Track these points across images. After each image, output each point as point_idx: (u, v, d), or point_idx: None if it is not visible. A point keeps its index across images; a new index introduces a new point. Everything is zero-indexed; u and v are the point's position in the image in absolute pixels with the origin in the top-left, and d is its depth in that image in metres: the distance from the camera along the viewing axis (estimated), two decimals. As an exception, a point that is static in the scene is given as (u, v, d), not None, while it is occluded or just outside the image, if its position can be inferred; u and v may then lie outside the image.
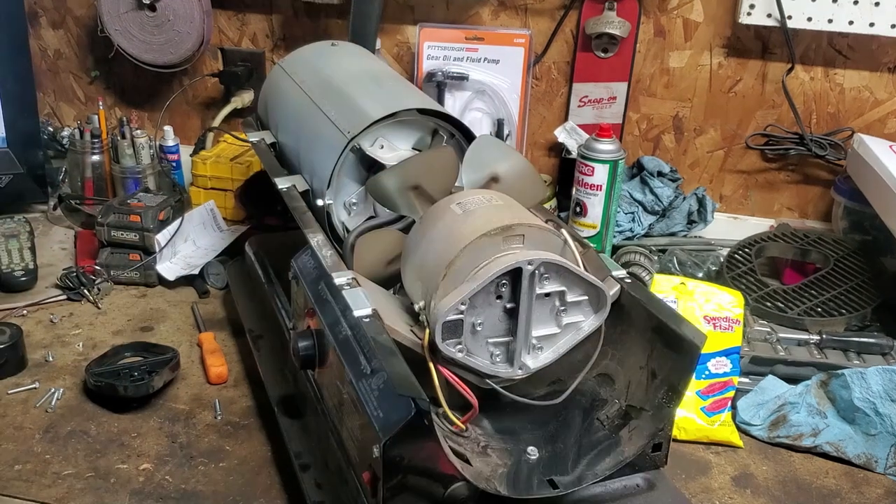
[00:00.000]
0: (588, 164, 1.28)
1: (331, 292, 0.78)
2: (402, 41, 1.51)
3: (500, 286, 0.71)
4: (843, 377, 0.99)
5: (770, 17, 1.32)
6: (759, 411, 1.02)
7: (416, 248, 0.77)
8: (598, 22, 1.39)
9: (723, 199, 1.50)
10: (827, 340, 1.10)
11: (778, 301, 1.19)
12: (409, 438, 0.64)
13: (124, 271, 1.30)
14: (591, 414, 0.80)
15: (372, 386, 0.68)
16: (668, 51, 1.43)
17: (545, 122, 1.51)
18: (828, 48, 1.36)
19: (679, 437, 0.99)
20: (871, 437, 0.97)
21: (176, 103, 1.63)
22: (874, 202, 1.22)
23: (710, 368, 1.02)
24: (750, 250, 1.31)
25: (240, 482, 0.91)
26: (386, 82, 1.03)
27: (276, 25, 1.56)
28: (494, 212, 0.75)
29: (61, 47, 1.67)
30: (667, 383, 0.76)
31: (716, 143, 1.47)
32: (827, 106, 1.40)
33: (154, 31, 1.50)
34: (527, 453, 0.78)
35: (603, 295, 0.75)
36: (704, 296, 1.06)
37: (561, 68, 1.47)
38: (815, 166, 1.44)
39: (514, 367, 0.75)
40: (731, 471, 0.97)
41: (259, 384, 1.04)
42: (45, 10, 1.65)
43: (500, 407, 0.79)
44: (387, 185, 0.83)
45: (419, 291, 0.75)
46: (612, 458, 0.76)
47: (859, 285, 1.21)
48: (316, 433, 0.87)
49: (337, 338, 0.75)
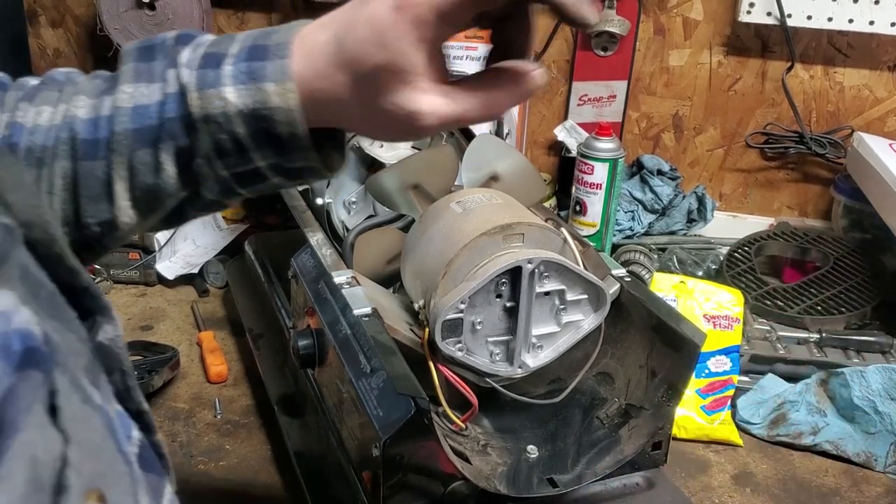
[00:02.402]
0: (588, 163, 1.28)
1: (330, 291, 0.78)
2: (401, 40, 1.51)
3: (500, 285, 0.71)
4: (843, 376, 0.99)
5: (770, 16, 1.32)
6: (759, 410, 1.02)
7: (416, 246, 0.77)
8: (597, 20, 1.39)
9: (722, 198, 1.50)
10: (827, 339, 1.10)
11: (778, 299, 1.19)
12: (409, 437, 0.64)
13: (124, 270, 1.30)
14: (590, 412, 0.80)
15: (372, 385, 0.68)
16: (668, 49, 1.43)
17: (545, 120, 1.51)
18: (828, 46, 1.36)
19: (679, 436, 0.99)
20: (871, 435, 0.97)
21: (175, 102, 1.62)
22: (874, 200, 1.22)
23: (710, 367, 1.02)
24: (750, 249, 1.31)
25: (240, 481, 0.91)
26: (385, 81, 1.03)
27: (276, 24, 1.55)
28: (494, 210, 0.75)
29: (60, 46, 1.67)
30: (666, 382, 0.76)
31: (715, 141, 1.47)
32: (827, 104, 1.40)
33: (153, 30, 1.50)
34: (526, 452, 0.78)
35: (603, 293, 0.75)
36: (704, 294, 1.06)
37: (560, 67, 1.47)
38: (815, 165, 1.44)
39: (513, 365, 0.75)
40: (730, 469, 0.97)
41: (259, 383, 1.04)
42: (44, 8, 1.64)
43: (499, 406, 0.79)
44: (386, 184, 0.83)
45: (419, 290, 0.75)
46: (611, 457, 0.76)
47: (859, 284, 1.21)
48: (316, 432, 0.87)
49: (336, 337, 0.75)
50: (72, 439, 0.27)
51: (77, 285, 0.37)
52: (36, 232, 0.34)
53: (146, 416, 0.41)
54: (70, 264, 0.37)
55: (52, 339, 0.29)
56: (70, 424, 0.27)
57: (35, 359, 0.26)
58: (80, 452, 0.27)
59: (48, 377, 0.27)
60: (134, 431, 0.38)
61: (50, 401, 0.27)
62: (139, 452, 0.37)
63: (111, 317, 0.40)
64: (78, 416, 0.29)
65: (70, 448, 0.26)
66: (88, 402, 0.31)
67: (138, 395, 0.41)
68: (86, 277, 0.38)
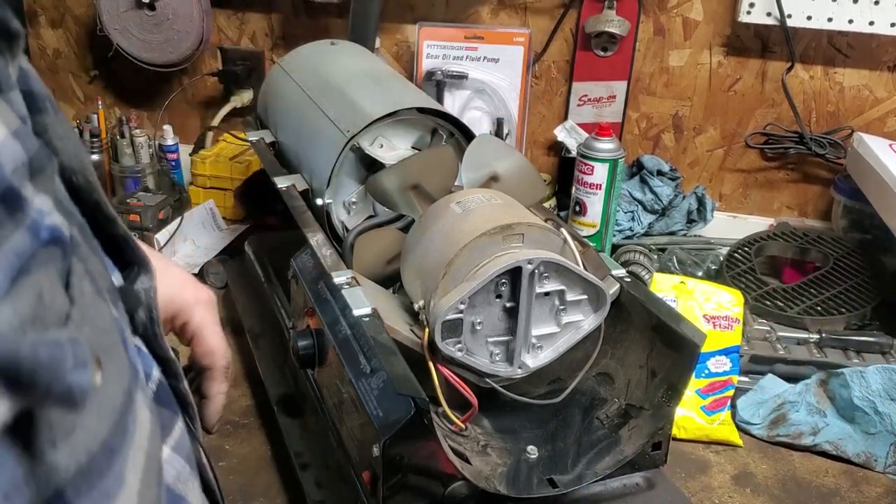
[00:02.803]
0: (588, 163, 1.28)
1: (330, 291, 0.78)
2: (401, 40, 1.51)
3: (500, 285, 0.71)
4: (843, 376, 0.99)
5: (770, 16, 1.32)
6: (759, 410, 1.02)
7: (416, 247, 0.77)
8: (597, 21, 1.39)
9: (722, 198, 1.50)
10: (826, 339, 1.10)
11: (777, 300, 1.19)
12: (409, 437, 0.64)
13: (124, 271, 1.30)
14: (590, 413, 0.80)
15: (372, 385, 0.68)
16: (668, 49, 1.43)
17: (545, 120, 1.51)
18: (827, 47, 1.36)
19: (679, 436, 0.99)
20: (871, 435, 0.97)
21: (175, 102, 1.62)
22: (874, 201, 1.22)
23: (710, 367, 1.02)
24: (749, 249, 1.31)
25: (240, 481, 0.91)
26: (385, 81, 1.03)
27: (276, 24, 1.56)
28: (494, 211, 0.75)
29: (60, 46, 1.67)
30: (666, 382, 0.76)
31: (715, 141, 1.47)
32: (826, 104, 1.40)
33: (153, 30, 1.50)
34: (526, 452, 0.78)
35: (602, 294, 0.75)
36: (704, 295, 1.06)
37: (560, 67, 1.47)
38: (815, 165, 1.44)
39: (513, 366, 0.75)
40: (730, 469, 0.97)
41: (259, 383, 1.04)
42: (44, 9, 1.64)
43: (499, 406, 0.79)
44: (386, 185, 0.83)
45: (419, 290, 0.75)
46: (611, 457, 0.76)
47: (859, 284, 1.21)
48: (316, 432, 0.87)
49: (336, 337, 0.75)
50: (76, 303, 0.28)
51: (116, 234, 0.39)
52: (79, 178, 0.35)
53: (172, 364, 0.41)
54: (108, 212, 0.38)
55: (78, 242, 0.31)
56: (78, 296, 0.28)
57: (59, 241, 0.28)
58: (83, 317, 0.28)
59: (67, 258, 0.28)
60: (155, 371, 0.38)
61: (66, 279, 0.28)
62: (156, 390, 0.38)
63: (148, 269, 0.41)
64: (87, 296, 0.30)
65: (74, 309, 0.27)
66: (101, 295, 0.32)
67: (164, 343, 0.41)
68: (123, 227, 0.39)
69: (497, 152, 0.89)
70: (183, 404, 0.41)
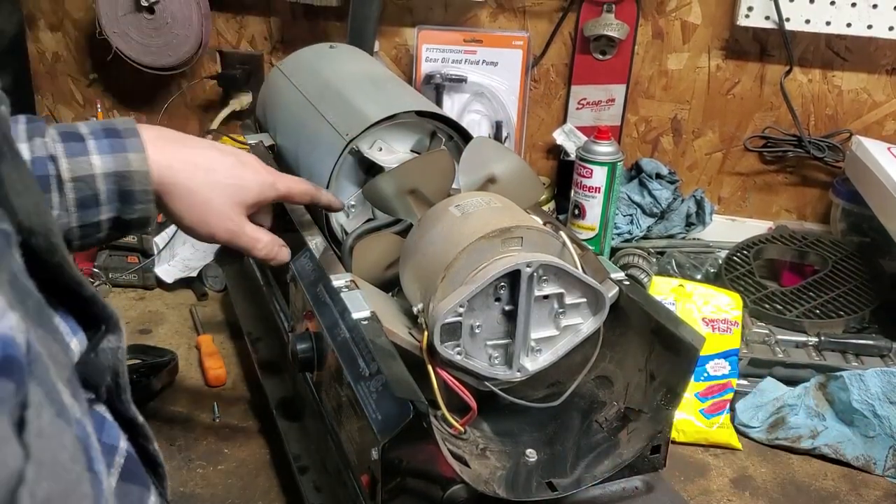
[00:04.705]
0: (586, 167, 1.28)
1: (329, 295, 0.78)
2: (400, 43, 1.51)
3: (499, 288, 0.71)
4: (842, 379, 0.99)
5: (768, 20, 1.32)
6: (758, 413, 1.02)
7: (415, 250, 0.77)
8: (596, 24, 1.39)
9: (721, 201, 1.50)
10: (825, 342, 1.10)
11: (776, 303, 1.19)
12: (408, 441, 0.64)
13: (122, 274, 1.30)
14: (589, 416, 0.80)
15: (370, 388, 0.68)
16: (667, 53, 1.43)
17: (543, 124, 1.52)
18: (826, 50, 1.37)
19: (678, 440, 0.99)
20: (870, 438, 0.97)
21: (174, 106, 1.62)
22: (872, 204, 1.22)
23: (709, 370, 1.02)
24: (748, 252, 1.31)
25: (238, 485, 0.91)
26: (384, 84, 1.03)
27: (275, 28, 1.56)
28: (493, 214, 0.75)
29: (59, 50, 1.67)
30: (665, 385, 0.76)
31: (714, 145, 1.47)
32: (825, 108, 1.40)
33: (152, 33, 1.50)
34: (525, 455, 0.78)
35: (601, 297, 0.75)
36: (703, 298, 1.06)
37: (559, 70, 1.48)
38: (814, 168, 1.44)
39: (512, 369, 0.74)
40: (729, 473, 0.97)
41: (257, 386, 1.03)
42: (43, 12, 1.64)
43: (498, 409, 0.79)
44: (383, 189, 0.83)
45: (418, 294, 0.75)
46: (610, 461, 0.76)
47: (858, 287, 1.21)
48: (314, 436, 0.87)
49: (335, 340, 0.75)
50: (32, 457, 0.26)
51: (82, 294, 0.37)
52: (39, 240, 0.33)
53: (141, 427, 0.40)
54: (72, 274, 0.36)
55: (34, 348, 0.29)
56: (35, 441, 0.27)
57: (11, 368, 0.26)
58: (40, 472, 0.26)
59: (21, 389, 0.26)
60: (122, 442, 0.37)
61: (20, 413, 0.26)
62: (124, 464, 0.36)
63: (117, 328, 0.40)
64: (46, 433, 0.28)
65: (28, 466, 0.26)
66: (62, 415, 0.30)
67: (132, 407, 0.40)
68: (89, 288, 0.38)
69: (493, 154, 0.89)
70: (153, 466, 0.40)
